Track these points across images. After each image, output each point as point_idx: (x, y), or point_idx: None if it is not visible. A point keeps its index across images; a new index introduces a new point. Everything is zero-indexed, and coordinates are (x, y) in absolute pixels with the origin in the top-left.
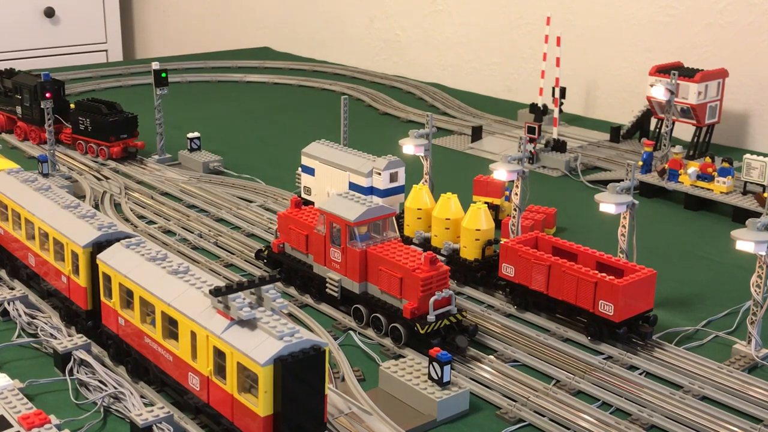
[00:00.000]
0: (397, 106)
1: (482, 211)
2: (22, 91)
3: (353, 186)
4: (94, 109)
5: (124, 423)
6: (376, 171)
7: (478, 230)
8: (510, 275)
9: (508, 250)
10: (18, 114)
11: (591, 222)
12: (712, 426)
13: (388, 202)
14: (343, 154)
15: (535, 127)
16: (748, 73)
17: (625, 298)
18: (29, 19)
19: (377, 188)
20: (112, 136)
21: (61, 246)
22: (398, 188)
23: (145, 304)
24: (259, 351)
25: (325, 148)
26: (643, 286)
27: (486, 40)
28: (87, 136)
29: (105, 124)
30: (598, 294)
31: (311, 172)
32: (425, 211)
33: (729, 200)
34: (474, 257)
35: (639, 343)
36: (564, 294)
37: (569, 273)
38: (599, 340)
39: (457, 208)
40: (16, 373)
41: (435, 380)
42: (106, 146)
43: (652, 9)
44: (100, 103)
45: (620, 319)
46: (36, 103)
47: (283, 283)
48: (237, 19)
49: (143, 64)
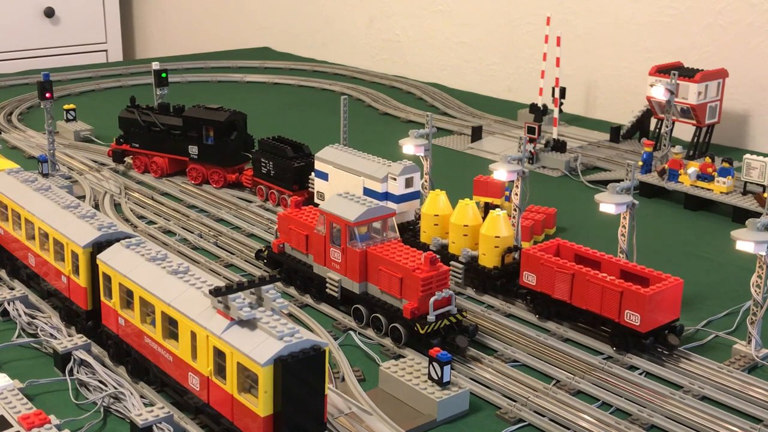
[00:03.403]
0: (397, 106)
1: (501, 217)
2: (202, 128)
3: (368, 191)
4: (278, 151)
5: (124, 423)
6: (391, 176)
7: (497, 237)
8: (531, 284)
9: (530, 258)
10: (192, 155)
11: (591, 222)
12: (712, 426)
13: (404, 207)
14: (357, 158)
15: (535, 127)
16: (748, 73)
17: (651, 308)
18: (29, 19)
19: (392, 194)
20: (296, 183)
21: (61, 246)
22: (414, 194)
23: (145, 304)
24: (259, 351)
25: (338, 152)
26: (670, 295)
27: (486, 40)
28: (269, 180)
29: (289, 168)
30: (624, 303)
31: (325, 177)
32: (442, 218)
33: (729, 200)
34: (493, 264)
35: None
36: (588, 303)
37: (594, 282)
38: (625, 350)
39: (475, 214)
40: (16, 373)
41: (435, 380)
42: (288, 195)
43: (652, 9)
44: (287, 144)
45: (647, 329)
46: (222, 141)
47: (283, 283)
48: (237, 19)
49: (143, 64)
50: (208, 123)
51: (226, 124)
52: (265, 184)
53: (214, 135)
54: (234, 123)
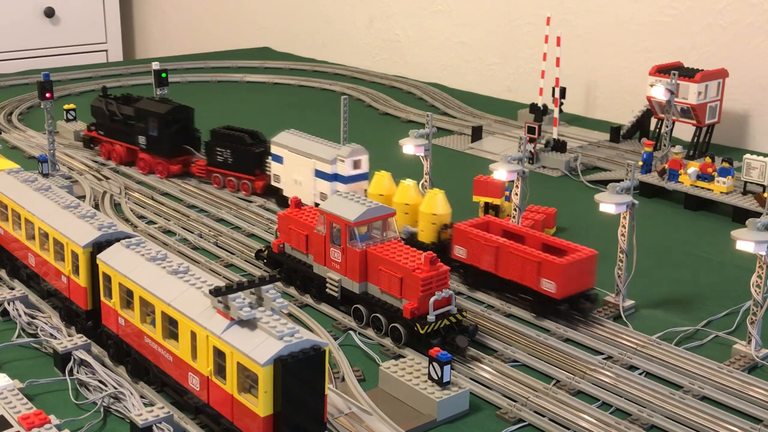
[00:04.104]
0: (397, 106)
1: (439, 196)
2: (148, 120)
3: (319, 173)
4: (236, 139)
5: (124, 423)
6: (339, 158)
7: (434, 215)
8: (462, 257)
9: (460, 233)
10: (141, 145)
11: (591, 222)
12: (712, 426)
13: (352, 188)
14: (309, 142)
15: (535, 127)
16: (748, 73)
17: (566, 276)
18: (29, 19)
19: (341, 175)
20: (258, 168)
21: (61, 246)
22: (362, 175)
23: (145, 304)
24: (259, 351)
25: (292, 137)
26: (584, 265)
27: (486, 40)
28: (227, 168)
29: (250, 155)
30: (542, 273)
31: (280, 160)
32: (386, 197)
33: (729, 200)
34: (430, 240)
35: (580, 319)
36: (511, 273)
37: (515, 253)
38: (543, 316)
39: (416, 194)
40: (16, 373)
41: (435, 380)
42: (250, 180)
43: (652, 9)
44: (239, 132)
45: (562, 296)
46: (167, 133)
47: (283, 283)
48: (237, 19)
49: (143, 64)
50: (152, 115)
51: (167, 116)
52: (221, 171)
53: (158, 127)
54: (176, 116)
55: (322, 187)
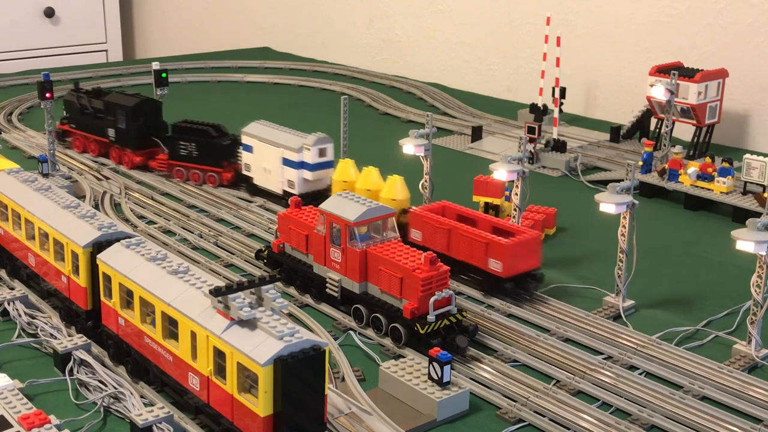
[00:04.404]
0: (397, 106)
1: (398, 182)
2: (116, 113)
3: (286, 161)
4: (200, 132)
5: (124, 423)
6: (305, 146)
7: (393, 200)
8: (418, 239)
9: (416, 217)
10: (110, 137)
11: (591, 222)
12: (712, 426)
13: (318, 175)
14: (277, 132)
15: (535, 127)
16: (748, 73)
17: (511, 256)
18: (29, 19)
19: (307, 162)
20: (224, 160)
21: (61, 246)
22: (327, 163)
23: (145, 304)
24: (259, 351)
25: (262, 127)
26: (529, 245)
27: (486, 40)
28: (191, 161)
29: (216, 147)
30: (489, 253)
31: (250, 149)
32: (350, 183)
33: (729, 200)
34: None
35: (526, 297)
36: (461, 254)
37: (465, 235)
38: (490, 294)
39: (377, 180)
40: (16, 373)
41: (435, 380)
42: (216, 172)
43: (652, 9)
44: (202, 125)
45: (508, 275)
46: (134, 125)
47: (283, 283)
48: (237, 19)
49: (143, 64)
50: (120, 108)
51: (134, 109)
52: (185, 165)
53: (126, 119)
54: (142, 109)
55: (290, 174)
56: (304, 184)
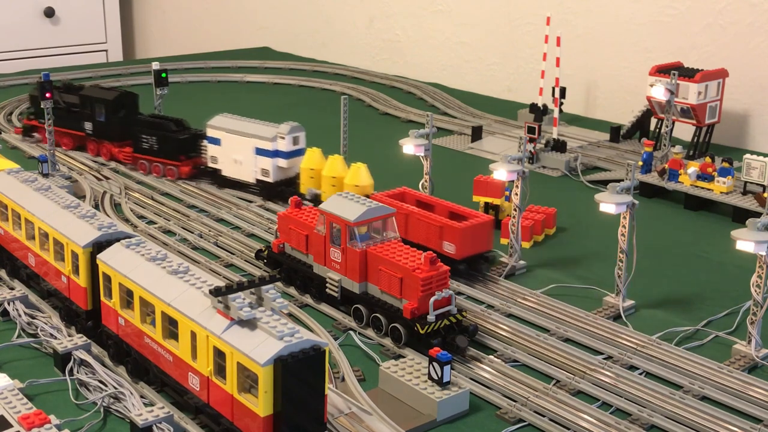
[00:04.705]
0: (397, 106)
1: (362, 169)
2: (95, 106)
3: (260, 151)
4: (161, 125)
5: (124, 423)
6: (279, 135)
7: (357, 186)
8: None
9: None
10: (87, 130)
11: (591, 222)
12: (712, 426)
13: (292, 163)
14: (247, 123)
15: (535, 127)
16: (748, 73)
17: (464, 239)
18: (29, 19)
19: (281, 151)
20: (182, 154)
21: (61, 246)
22: (300, 150)
23: (145, 304)
24: (259, 351)
25: (229, 119)
26: (481, 229)
27: (486, 40)
28: (152, 155)
29: (175, 141)
30: (443, 236)
31: (217, 142)
32: (317, 171)
33: (729, 200)
34: None
35: (479, 278)
36: (418, 237)
37: (421, 219)
38: None
39: (342, 168)
40: (16, 373)
41: (435, 380)
42: (175, 166)
43: (652, 9)
44: (164, 119)
45: (461, 256)
46: (115, 117)
47: (283, 283)
48: (237, 19)
49: (143, 64)
50: (99, 101)
51: (114, 102)
52: (147, 158)
53: (105, 112)
54: (122, 102)
55: (264, 163)
56: (279, 171)
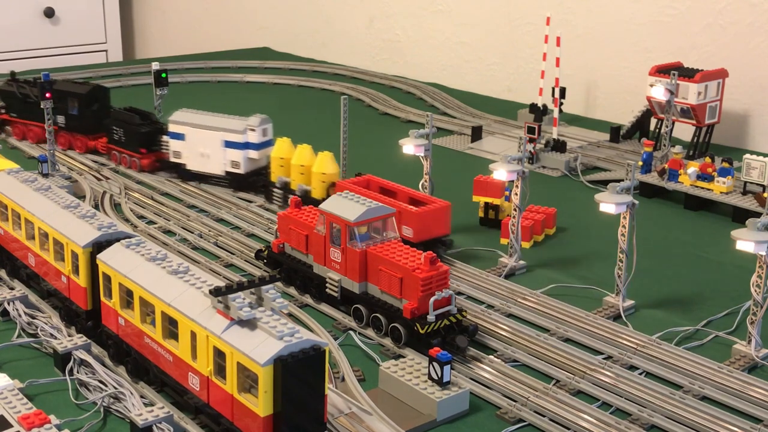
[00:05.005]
0: (397, 106)
1: (328, 157)
2: (68, 100)
3: (229, 143)
4: (128, 118)
5: (124, 423)
6: (250, 128)
7: (324, 173)
8: None
9: (341, 188)
10: (60, 124)
11: (591, 222)
12: (712, 426)
13: (262, 154)
14: (213, 117)
15: (535, 127)
16: (748, 73)
17: (421, 223)
18: (29, 19)
19: (252, 142)
20: (143, 147)
21: (61, 246)
22: (269, 142)
23: (145, 304)
24: (259, 351)
25: (192, 114)
26: (438, 214)
27: (486, 40)
28: (120, 146)
29: (136, 134)
30: (402, 220)
31: (181, 137)
32: (286, 160)
33: (729, 200)
34: (321, 196)
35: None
36: None
37: None
38: None
39: (310, 157)
40: (16, 373)
41: (435, 380)
42: (137, 158)
43: (652, 9)
44: (135, 112)
45: (418, 240)
46: (88, 111)
47: (283, 283)
48: (237, 19)
49: (143, 64)
50: (73, 95)
51: (88, 96)
52: (117, 149)
53: (78, 106)
54: (95, 95)
55: (234, 155)
56: (249, 163)
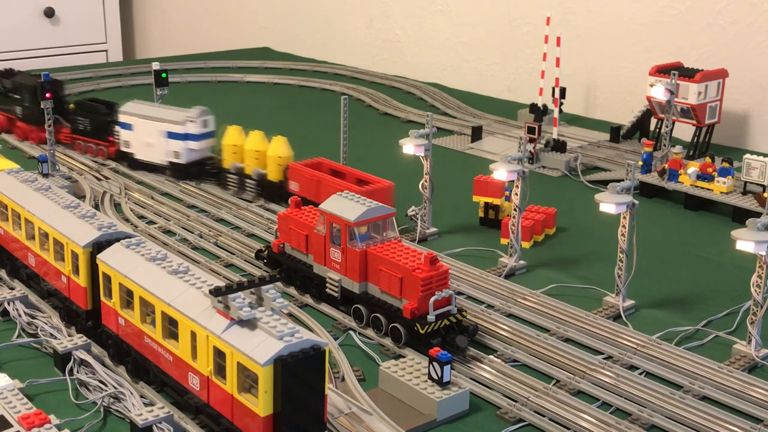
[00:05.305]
0: (397, 106)
1: (282, 142)
2: (22, 92)
3: (171, 134)
4: (93, 109)
5: (124, 423)
6: (190, 119)
7: (279, 157)
8: (296, 190)
9: (294, 171)
10: (18, 114)
11: (591, 222)
12: (712, 426)
13: (203, 145)
14: (157, 108)
15: (535, 127)
16: (748, 73)
17: None
18: (29, 19)
19: (192, 134)
20: (110, 136)
21: (61, 246)
22: (210, 133)
23: (145, 304)
24: (259, 351)
25: (141, 105)
26: (381, 193)
27: (486, 40)
28: (86, 136)
29: (104, 124)
30: None
31: (129, 127)
32: (239, 146)
33: (729, 200)
34: (277, 179)
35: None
36: None
37: (329, 184)
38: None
39: (263, 142)
40: (16, 373)
41: (435, 380)
42: (104, 146)
43: (652, 9)
44: (100, 104)
45: None
46: (36, 104)
47: (283, 283)
48: (237, 19)
49: (143, 64)
50: (26, 88)
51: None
52: (82, 139)
53: (31, 98)
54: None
55: (175, 146)
56: (190, 153)
